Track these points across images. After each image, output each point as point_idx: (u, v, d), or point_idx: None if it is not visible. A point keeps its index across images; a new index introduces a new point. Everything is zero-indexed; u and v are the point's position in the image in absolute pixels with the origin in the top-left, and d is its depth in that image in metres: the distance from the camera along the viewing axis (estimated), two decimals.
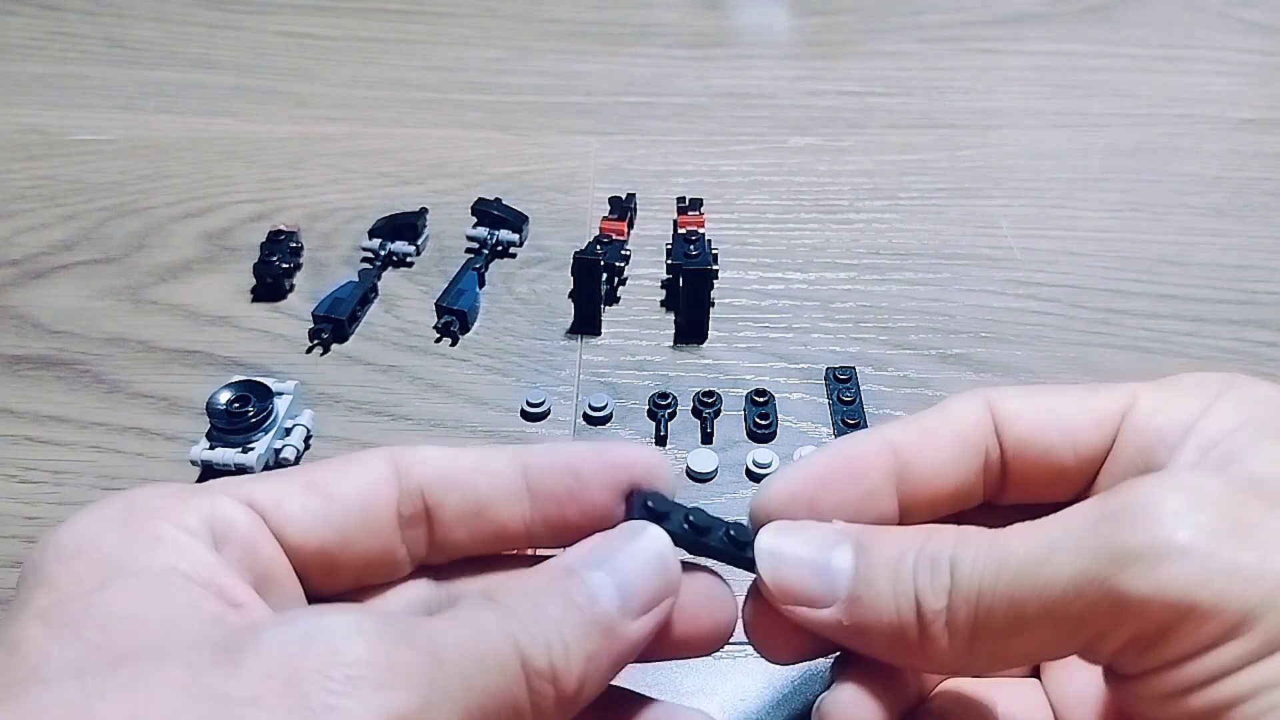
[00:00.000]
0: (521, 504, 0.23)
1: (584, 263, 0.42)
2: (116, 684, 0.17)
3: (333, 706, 0.17)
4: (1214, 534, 0.19)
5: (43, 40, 0.65)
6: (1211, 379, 0.24)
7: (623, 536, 0.22)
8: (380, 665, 0.17)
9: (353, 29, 0.68)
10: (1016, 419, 0.24)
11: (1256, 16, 0.71)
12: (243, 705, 0.17)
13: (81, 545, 0.20)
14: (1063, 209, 0.52)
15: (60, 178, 0.52)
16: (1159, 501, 0.19)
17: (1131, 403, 0.24)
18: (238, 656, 0.17)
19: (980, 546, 0.21)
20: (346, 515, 0.22)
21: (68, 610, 0.19)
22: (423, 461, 0.23)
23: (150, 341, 0.42)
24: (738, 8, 0.73)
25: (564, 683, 0.20)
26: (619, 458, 0.23)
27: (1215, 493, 0.19)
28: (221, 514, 0.21)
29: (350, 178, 0.53)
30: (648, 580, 0.22)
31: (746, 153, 0.56)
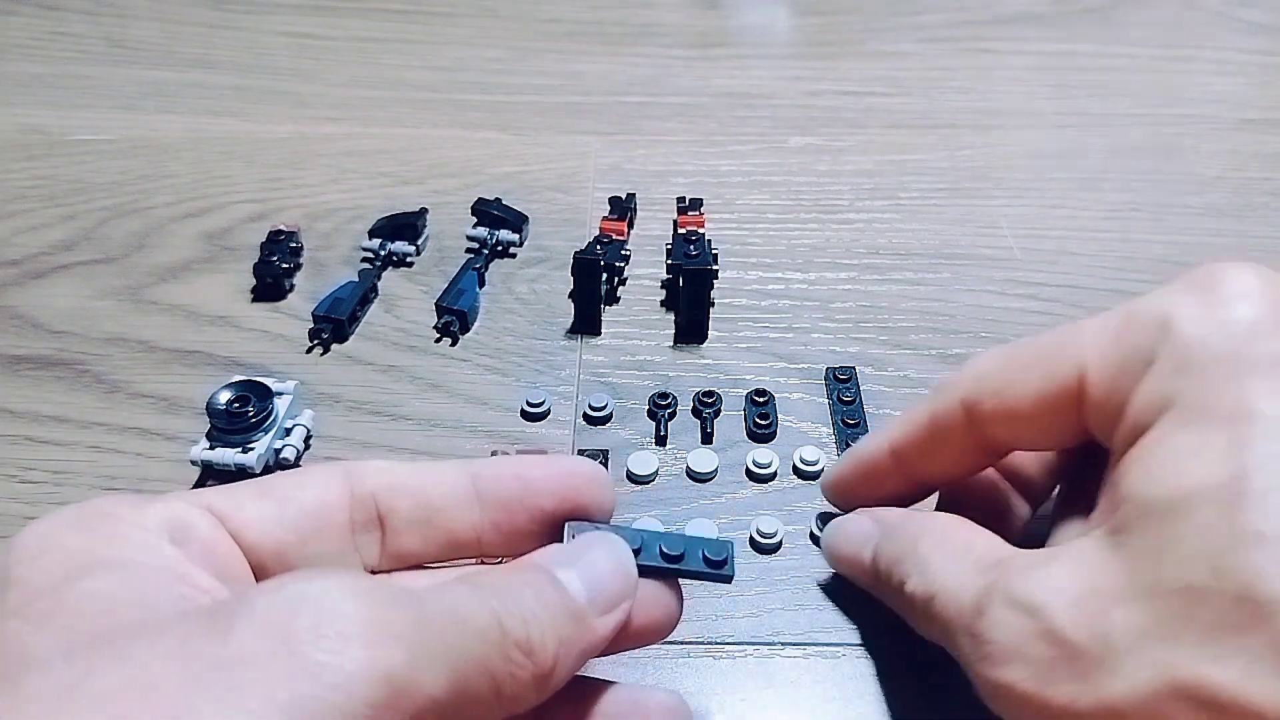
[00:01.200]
0: (471, 510, 0.24)
1: (584, 263, 0.42)
2: (106, 659, 0.17)
3: (325, 664, 0.17)
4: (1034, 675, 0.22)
5: (43, 40, 0.65)
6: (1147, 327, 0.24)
7: (586, 542, 0.24)
8: (370, 623, 0.18)
9: (353, 29, 0.68)
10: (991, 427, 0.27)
11: (1256, 16, 0.71)
12: (236, 667, 0.17)
13: (44, 545, 0.20)
14: (1063, 209, 0.52)
15: (60, 178, 0.52)
16: (998, 641, 0.23)
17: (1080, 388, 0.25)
18: (228, 622, 0.17)
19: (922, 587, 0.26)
20: (301, 519, 0.23)
21: (41, 603, 0.19)
22: (374, 471, 0.24)
23: (150, 341, 0.42)
24: (738, 8, 0.73)
25: (539, 658, 0.20)
26: (565, 466, 0.25)
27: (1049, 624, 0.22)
28: (179, 516, 0.22)
29: (350, 178, 0.53)
30: (612, 580, 0.23)
31: (746, 153, 0.56)
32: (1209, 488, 0.20)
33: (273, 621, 0.17)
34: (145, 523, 0.21)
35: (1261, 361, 0.22)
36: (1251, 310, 0.23)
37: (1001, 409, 0.26)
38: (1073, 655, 0.21)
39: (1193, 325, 0.23)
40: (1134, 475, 0.22)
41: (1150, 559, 0.21)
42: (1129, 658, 0.20)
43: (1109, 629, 0.20)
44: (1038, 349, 0.26)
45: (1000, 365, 0.27)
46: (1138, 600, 0.20)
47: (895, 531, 0.28)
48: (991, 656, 0.22)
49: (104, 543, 0.20)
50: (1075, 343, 0.25)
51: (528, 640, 0.20)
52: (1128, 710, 0.20)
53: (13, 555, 0.20)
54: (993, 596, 0.23)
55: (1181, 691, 0.19)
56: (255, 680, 0.16)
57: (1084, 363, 0.25)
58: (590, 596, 0.23)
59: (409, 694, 0.18)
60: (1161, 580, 0.20)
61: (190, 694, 0.16)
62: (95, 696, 0.16)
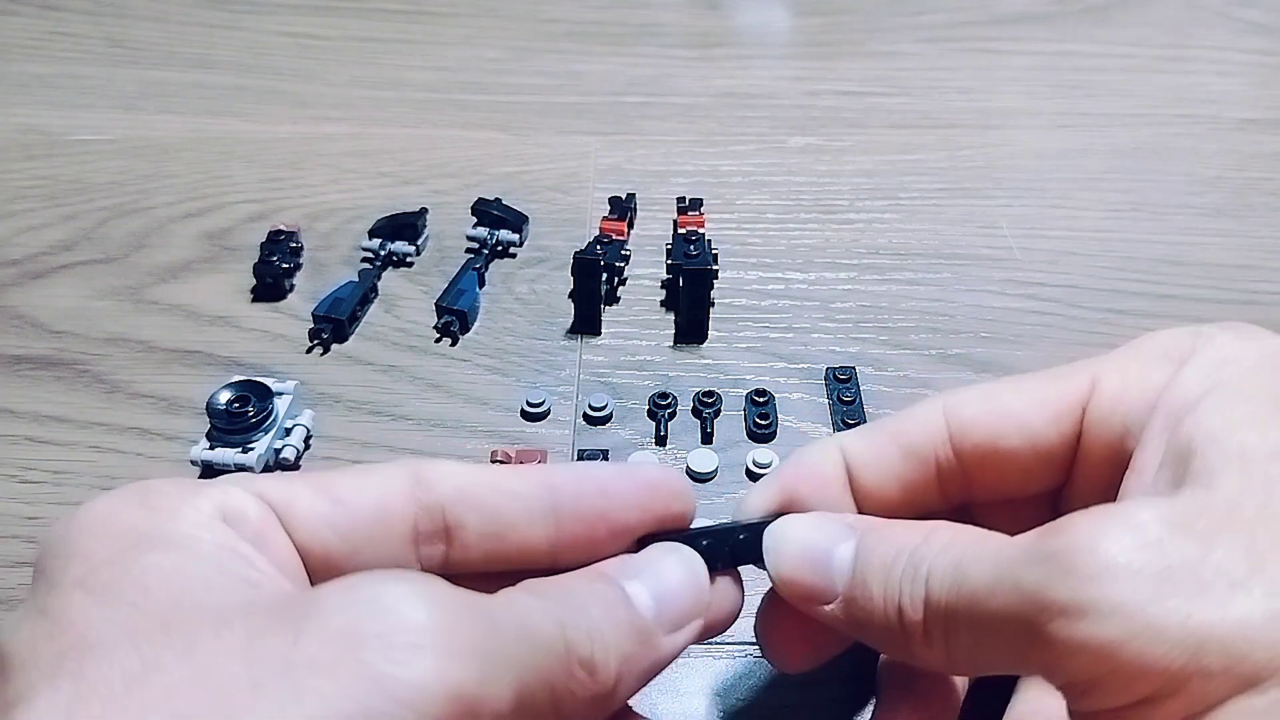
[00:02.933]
0: (547, 526, 0.23)
1: (584, 263, 0.42)
2: (173, 651, 0.17)
3: (394, 675, 0.16)
4: (1141, 589, 0.18)
5: (43, 40, 0.65)
6: (1175, 339, 0.24)
7: (658, 553, 0.23)
8: (442, 633, 0.17)
9: (353, 29, 0.68)
10: (972, 426, 0.24)
11: (1256, 16, 0.71)
12: (303, 671, 0.16)
13: (108, 519, 0.20)
14: (1063, 209, 0.52)
15: (60, 178, 0.53)
16: (1089, 550, 0.19)
17: (1091, 389, 0.24)
18: (298, 622, 0.17)
19: (951, 560, 0.21)
20: (356, 525, 0.22)
21: (105, 574, 0.18)
22: (446, 476, 0.23)
23: (150, 341, 0.42)
24: (738, 8, 0.73)
25: (602, 676, 0.20)
26: (649, 478, 0.24)
27: (1151, 536, 0.19)
28: (234, 502, 0.21)
29: (350, 178, 0.53)
30: (682, 596, 0.22)
31: (746, 153, 0.56)
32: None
33: (343, 625, 0.17)
34: (200, 505, 0.21)
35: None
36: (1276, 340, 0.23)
37: (992, 410, 0.24)
38: (1190, 568, 0.18)
39: (1228, 336, 0.23)
40: (1211, 427, 0.21)
41: (1260, 491, 0.19)
42: (1257, 576, 0.18)
43: (1229, 548, 0.19)
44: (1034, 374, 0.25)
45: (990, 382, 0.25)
46: (1254, 525, 0.19)
47: (889, 527, 0.23)
48: (1080, 569, 0.18)
49: (166, 519, 0.20)
50: (1081, 363, 0.25)
51: (591, 659, 0.20)
52: (1262, 628, 0.18)
53: (75, 527, 0.20)
54: (1070, 521, 0.19)
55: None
56: (322, 689, 0.16)
57: (1097, 371, 0.24)
58: (658, 613, 0.22)
59: (475, 712, 0.17)
60: (1277, 504, 0.19)
61: (255, 697, 0.16)
62: (159, 690, 0.16)
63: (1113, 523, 0.19)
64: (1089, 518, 0.19)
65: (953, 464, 0.25)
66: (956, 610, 0.20)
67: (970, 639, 0.21)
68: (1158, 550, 0.18)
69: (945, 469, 0.25)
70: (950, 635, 0.21)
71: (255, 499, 0.21)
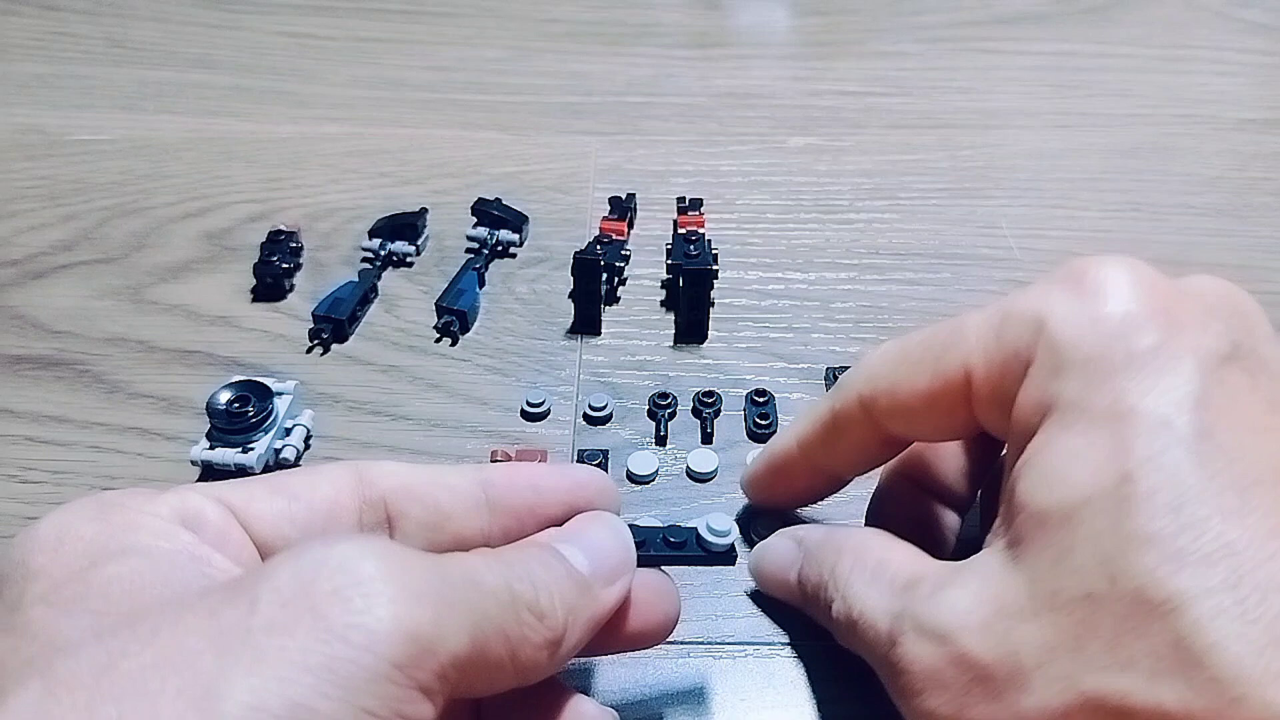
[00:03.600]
0: (481, 517, 0.24)
1: (584, 263, 0.42)
2: (137, 638, 0.17)
3: (352, 625, 0.17)
4: (950, 701, 0.22)
5: (43, 40, 0.65)
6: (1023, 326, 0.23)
7: (585, 521, 0.25)
8: (395, 581, 0.18)
9: (353, 29, 0.68)
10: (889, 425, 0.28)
11: (1256, 16, 0.71)
12: (265, 634, 0.17)
13: (62, 535, 0.20)
14: (1063, 209, 0.52)
15: (60, 178, 0.52)
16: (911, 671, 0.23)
17: (968, 388, 0.25)
18: (253, 592, 0.18)
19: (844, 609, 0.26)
20: (312, 518, 0.23)
21: (66, 590, 0.19)
22: (386, 474, 0.24)
23: (150, 341, 0.42)
24: (738, 8, 0.73)
25: (550, 620, 0.21)
26: (576, 476, 0.26)
27: (958, 649, 0.22)
28: (191, 505, 0.22)
29: (350, 178, 0.53)
30: (612, 553, 0.24)
31: (746, 153, 0.56)
32: (1096, 494, 0.20)
33: (297, 587, 0.17)
34: (158, 511, 0.21)
35: (1135, 357, 0.21)
36: (1123, 305, 0.22)
37: (894, 405, 0.27)
38: (985, 678, 0.21)
39: (1065, 324, 0.23)
40: (1024, 485, 0.22)
41: (1048, 570, 0.21)
42: (1038, 674, 0.20)
43: (1016, 647, 0.20)
44: (925, 345, 0.26)
45: (892, 362, 0.27)
46: (1040, 614, 0.20)
47: (816, 553, 0.28)
48: (909, 686, 0.23)
49: (121, 530, 0.20)
50: (961, 338, 0.25)
51: (538, 603, 0.21)
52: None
53: (30, 546, 0.20)
54: (904, 625, 0.23)
55: (1092, 703, 0.19)
56: (285, 646, 0.17)
57: (969, 360, 0.25)
58: (593, 569, 0.23)
59: (434, 651, 0.18)
60: (1060, 591, 0.20)
61: (222, 665, 0.16)
62: (128, 675, 0.17)
63: (929, 639, 0.22)
64: (914, 634, 0.23)
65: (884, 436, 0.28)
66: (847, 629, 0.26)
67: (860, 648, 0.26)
68: (962, 665, 0.22)
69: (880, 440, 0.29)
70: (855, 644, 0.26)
71: (213, 501, 0.22)
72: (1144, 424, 0.20)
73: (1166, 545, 0.19)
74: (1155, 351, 0.21)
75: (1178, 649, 0.18)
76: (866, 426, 0.28)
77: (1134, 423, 0.21)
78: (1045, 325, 0.23)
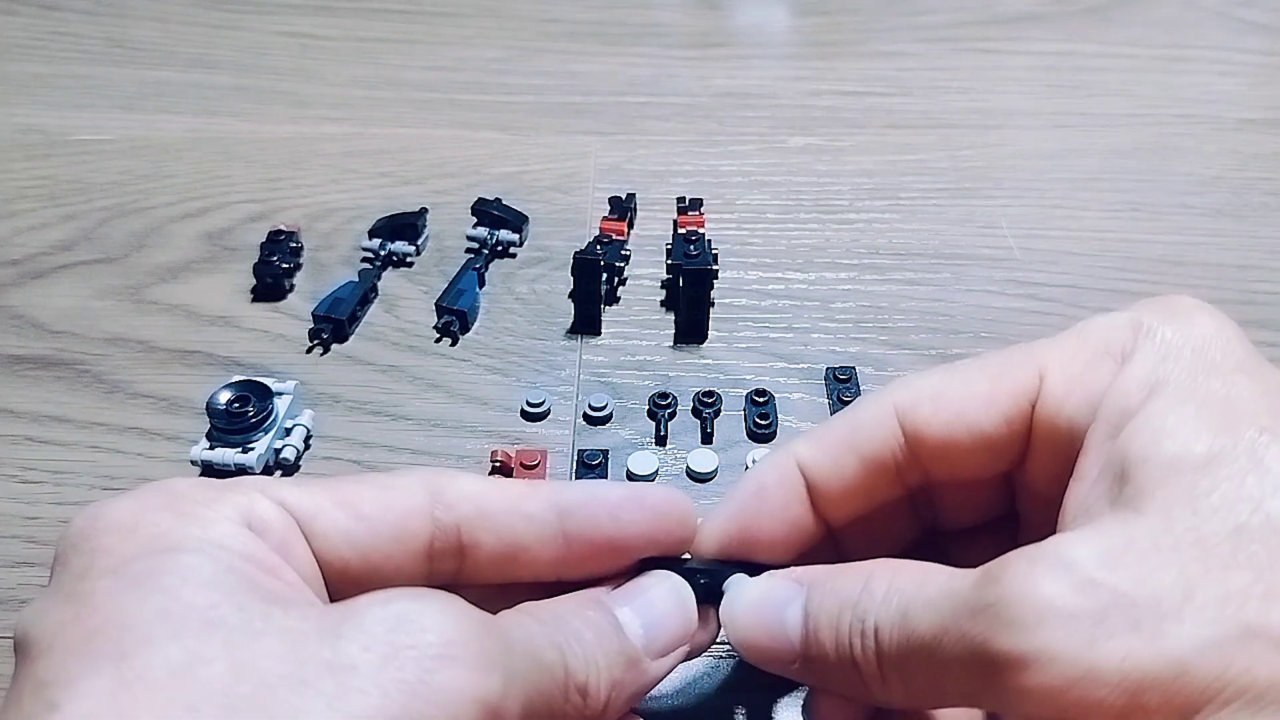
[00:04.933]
0: (556, 548, 0.24)
1: (584, 263, 0.42)
2: (213, 645, 0.17)
3: (427, 682, 0.18)
4: (1078, 633, 0.18)
5: (43, 40, 0.65)
6: (1118, 332, 0.24)
7: (649, 581, 0.24)
8: (470, 647, 0.18)
9: (353, 29, 0.68)
10: (925, 428, 0.25)
11: (1256, 16, 0.71)
12: (346, 673, 0.17)
13: (135, 521, 0.20)
14: (1063, 209, 0.52)
15: (60, 178, 0.52)
16: (1025, 599, 0.19)
17: (1038, 385, 0.24)
18: (337, 629, 0.18)
19: (896, 612, 0.21)
20: (375, 542, 0.22)
21: (137, 566, 0.19)
22: (464, 498, 0.23)
23: (150, 341, 0.42)
24: (738, 8, 0.73)
25: (593, 701, 0.21)
26: (657, 505, 0.24)
27: (1083, 576, 0.19)
28: (258, 510, 0.21)
29: (350, 178, 0.53)
30: (670, 623, 0.23)
31: (746, 153, 0.56)
32: (1232, 442, 0.20)
33: (381, 634, 0.18)
34: (226, 512, 0.21)
35: (1233, 357, 0.22)
36: (1213, 321, 0.23)
37: (940, 411, 0.25)
38: (1123, 605, 0.19)
39: (1169, 327, 0.23)
40: (1143, 441, 0.21)
41: (1186, 510, 0.20)
42: (1188, 605, 0.18)
43: (1160, 578, 0.19)
44: (984, 358, 0.25)
45: (943, 372, 0.26)
46: (1182, 549, 0.19)
47: (831, 580, 0.23)
48: (1019, 620, 0.19)
49: (194, 525, 0.20)
50: (1028, 353, 0.25)
51: (585, 684, 0.21)
52: (1195, 659, 0.18)
53: (102, 525, 0.20)
54: (1005, 566, 0.20)
55: (1252, 632, 0.18)
56: (364, 690, 0.17)
57: (1043, 363, 0.24)
58: (647, 641, 0.23)
59: (498, 718, 0.18)
60: (1202, 526, 0.19)
61: (300, 693, 0.17)
62: (208, 685, 0.17)
63: (1046, 566, 0.19)
64: (1023, 561, 0.20)
65: (909, 458, 0.25)
66: (908, 660, 0.21)
67: (926, 683, 0.21)
68: (1091, 592, 0.19)
69: (903, 464, 0.25)
70: (907, 680, 0.21)
71: (279, 508, 0.22)
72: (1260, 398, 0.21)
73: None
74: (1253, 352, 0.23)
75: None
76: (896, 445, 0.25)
77: (1250, 400, 0.21)
78: (1147, 326, 0.23)
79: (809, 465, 0.26)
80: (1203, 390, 0.22)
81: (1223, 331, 0.23)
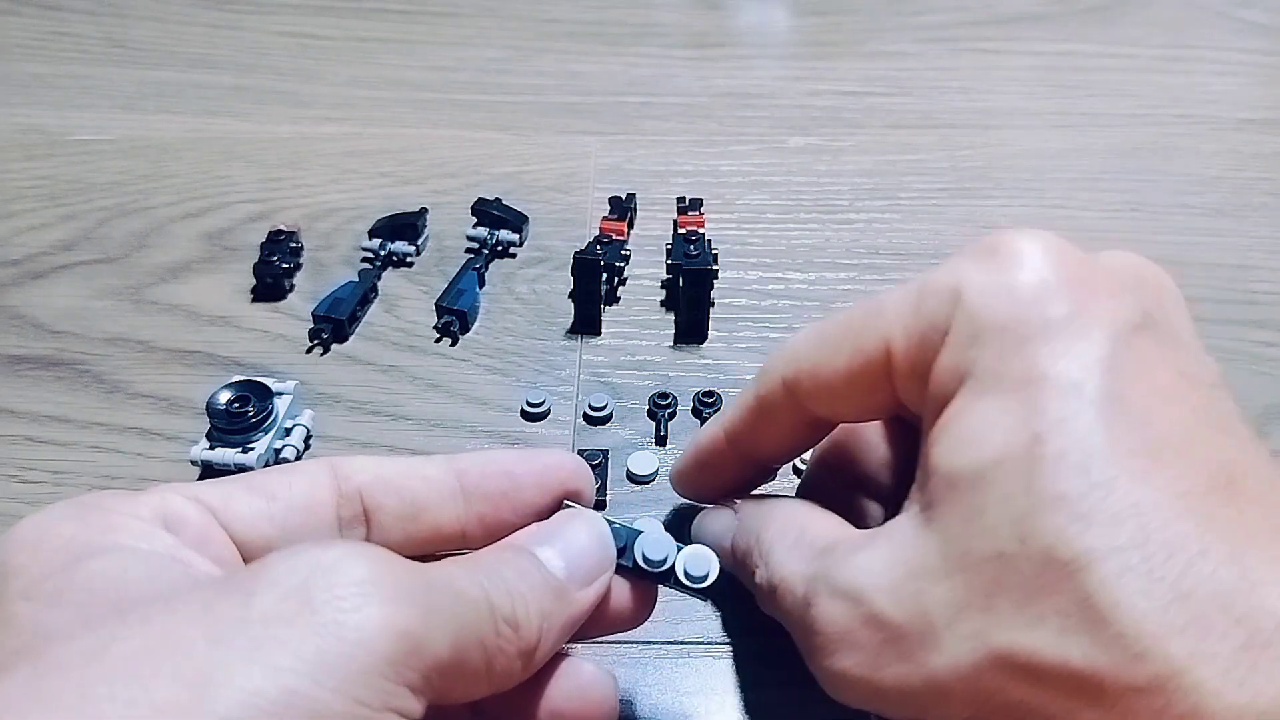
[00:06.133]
0: (456, 506, 0.25)
1: (584, 263, 0.42)
2: (126, 625, 0.17)
3: (344, 622, 0.18)
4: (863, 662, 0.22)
5: (43, 40, 0.65)
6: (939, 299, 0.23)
7: (563, 519, 0.25)
8: (385, 584, 0.18)
9: (353, 29, 0.68)
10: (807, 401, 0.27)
11: (1256, 16, 0.71)
12: (260, 626, 0.17)
13: (41, 535, 0.20)
14: (1063, 209, 0.52)
15: (60, 178, 0.52)
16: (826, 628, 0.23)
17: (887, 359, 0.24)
18: (248, 586, 0.18)
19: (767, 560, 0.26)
20: (290, 515, 0.23)
21: (48, 584, 0.19)
22: (360, 469, 0.24)
23: (150, 341, 0.42)
24: (738, 8, 0.73)
25: (524, 631, 0.21)
26: (549, 460, 0.26)
27: (870, 612, 0.22)
28: (172, 507, 0.22)
29: (350, 178, 0.53)
30: (590, 554, 0.24)
31: (746, 153, 0.56)
32: (1008, 456, 0.20)
33: (292, 584, 0.18)
34: (138, 512, 0.21)
35: (1048, 325, 0.21)
36: (1037, 275, 0.22)
37: (816, 385, 0.26)
38: (896, 637, 0.21)
39: (981, 294, 0.23)
40: (938, 449, 0.22)
41: (960, 531, 0.21)
42: (947, 632, 0.20)
43: (927, 606, 0.21)
44: (845, 324, 0.26)
45: (813, 343, 0.26)
46: (951, 574, 0.20)
47: (746, 521, 0.28)
48: (822, 647, 0.23)
49: (101, 531, 0.20)
50: (879, 316, 0.25)
51: (513, 615, 0.21)
52: (952, 684, 0.20)
53: (8, 547, 0.20)
54: (818, 587, 0.23)
55: (1001, 660, 0.19)
56: (280, 638, 0.17)
57: (889, 336, 0.24)
58: (569, 572, 0.23)
59: (421, 652, 0.18)
60: (971, 551, 0.20)
61: (217, 653, 0.17)
62: (122, 659, 0.17)
63: (842, 601, 0.22)
64: (826, 589, 0.23)
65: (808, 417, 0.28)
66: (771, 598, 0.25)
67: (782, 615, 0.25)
68: (875, 627, 0.22)
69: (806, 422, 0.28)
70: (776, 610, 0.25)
71: (193, 502, 0.22)
72: (1055, 388, 0.20)
73: (1075, 505, 0.19)
74: (1068, 319, 0.21)
75: (1084, 606, 0.19)
76: (790, 409, 0.27)
77: (1045, 387, 0.21)
78: (961, 295, 0.23)
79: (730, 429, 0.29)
80: (1004, 378, 0.21)
81: (1039, 289, 0.22)
